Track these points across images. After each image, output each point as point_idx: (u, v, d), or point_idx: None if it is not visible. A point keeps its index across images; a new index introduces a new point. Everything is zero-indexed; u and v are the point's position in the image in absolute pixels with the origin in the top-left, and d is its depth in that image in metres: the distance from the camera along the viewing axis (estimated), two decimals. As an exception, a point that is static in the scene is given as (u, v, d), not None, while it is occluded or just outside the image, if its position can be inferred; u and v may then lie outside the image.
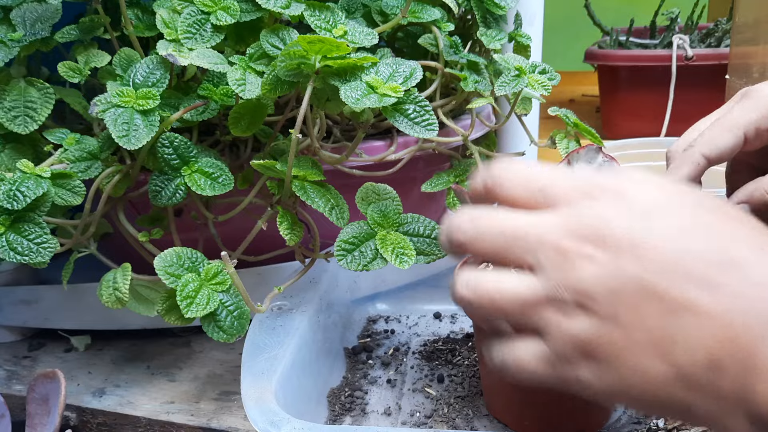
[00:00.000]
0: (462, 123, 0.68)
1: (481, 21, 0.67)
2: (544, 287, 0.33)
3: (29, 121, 0.54)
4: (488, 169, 0.37)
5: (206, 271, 0.51)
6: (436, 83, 0.62)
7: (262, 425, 0.43)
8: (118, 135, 0.49)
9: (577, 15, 1.28)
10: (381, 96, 0.48)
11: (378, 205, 0.54)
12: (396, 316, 0.73)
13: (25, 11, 0.58)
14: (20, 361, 0.68)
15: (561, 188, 0.34)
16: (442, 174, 0.62)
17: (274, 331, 0.54)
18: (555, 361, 0.33)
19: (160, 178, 0.53)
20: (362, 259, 0.52)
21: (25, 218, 0.49)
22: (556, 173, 0.35)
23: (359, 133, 0.54)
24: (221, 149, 0.60)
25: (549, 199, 0.34)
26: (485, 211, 0.35)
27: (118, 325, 0.69)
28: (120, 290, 0.53)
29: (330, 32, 0.52)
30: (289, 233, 0.52)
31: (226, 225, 0.57)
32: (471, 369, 0.61)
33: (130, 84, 0.52)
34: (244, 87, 0.51)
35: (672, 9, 1.17)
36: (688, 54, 1.09)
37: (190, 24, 0.53)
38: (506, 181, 0.36)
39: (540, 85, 0.57)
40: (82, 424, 0.60)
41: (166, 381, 0.64)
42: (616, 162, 0.51)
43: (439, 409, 0.56)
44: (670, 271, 0.31)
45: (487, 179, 0.36)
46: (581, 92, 1.51)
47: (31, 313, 0.69)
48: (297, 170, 0.51)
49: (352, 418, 0.56)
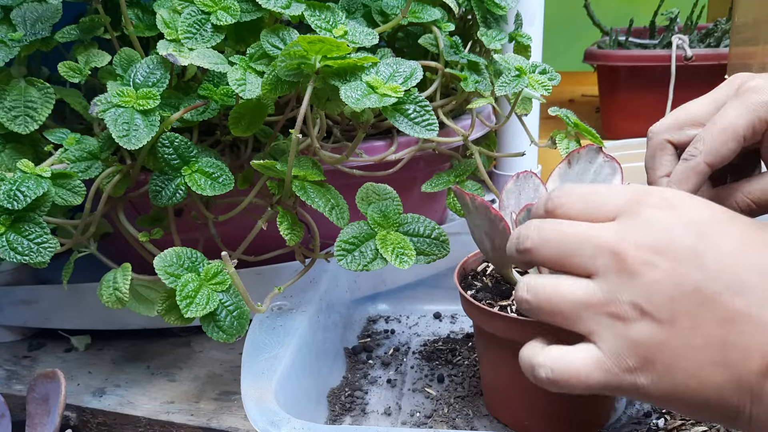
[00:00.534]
0: (462, 123, 0.68)
1: (481, 21, 0.67)
2: (602, 291, 0.34)
3: (29, 121, 0.54)
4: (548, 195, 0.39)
5: (206, 271, 0.51)
6: (437, 83, 0.62)
7: (262, 425, 0.43)
8: (118, 135, 0.49)
9: (577, 15, 1.29)
10: (381, 96, 0.48)
11: (378, 205, 0.54)
12: (396, 316, 0.73)
13: (25, 11, 0.58)
14: (20, 360, 0.68)
15: (619, 199, 0.36)
16: (442, 174, 0.63)
17: (274, 331, 0.54)
18: (611, 366, 0.34)
19: (160, 178, 0.53)
20: (362, 259, 0.52)
21: (26, 218, 0.49)
22: (614, 189, 0.37)
23: (359, 133, 0.54)
24: (221, 149, 0.60)
25: (608, 212, 0.36)
26: (550, 220, 0.37)
27: (118, 325, 0.69)
28: (120, 290, 0.53)
29: (330, 32, 0.52)
30: (289, 233, 0.52)
31: (226, 225, 0.57)
32: (471, 369, 0.61)
33: (130, 84, 0.52)
34: (245, 87, 0.51)
35: (671, 9, 1.17)
36: (688, 54, 1.09)
37: (190, 24, 0.53)
38: (565, 201, 0.37)
39: (540, 85, 0.57)
40: (82, 423, 0.60)
41: (166, 381, 0.64)
42: (616, 162, 0.51)
43: (439, 409, 0.56)
44: (729, 281, 0.32)
45: (548, 203, 0.38)
46: (581, 92, 1.51)
47: (31, 312, 0.69)
48: (297, 170, 0.51)
49: (352, 418, 0.56)
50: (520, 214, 0.47)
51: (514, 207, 0.51)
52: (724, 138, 0.45)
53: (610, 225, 0.35)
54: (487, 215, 0.47)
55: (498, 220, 0.46)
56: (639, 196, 0.35)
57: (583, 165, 0.52)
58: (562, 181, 0.52)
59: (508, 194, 0.51)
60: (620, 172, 0.51)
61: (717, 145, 0.45)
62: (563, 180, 0.52)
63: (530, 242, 0.38)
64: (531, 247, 0.38)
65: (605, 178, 0.51)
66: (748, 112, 0.44)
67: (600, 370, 0.34)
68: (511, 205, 0.51)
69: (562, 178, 0.52)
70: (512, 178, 0.51)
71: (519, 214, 0.47)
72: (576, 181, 0.52)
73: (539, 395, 0.51)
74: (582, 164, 0.52)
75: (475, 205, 0.47)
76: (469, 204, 0.48)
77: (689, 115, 0.48)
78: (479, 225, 0.49)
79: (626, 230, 0.34)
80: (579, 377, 0.35)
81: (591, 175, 0.52)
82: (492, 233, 0.48)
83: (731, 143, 0.45)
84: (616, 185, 0.38)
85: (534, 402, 0.52)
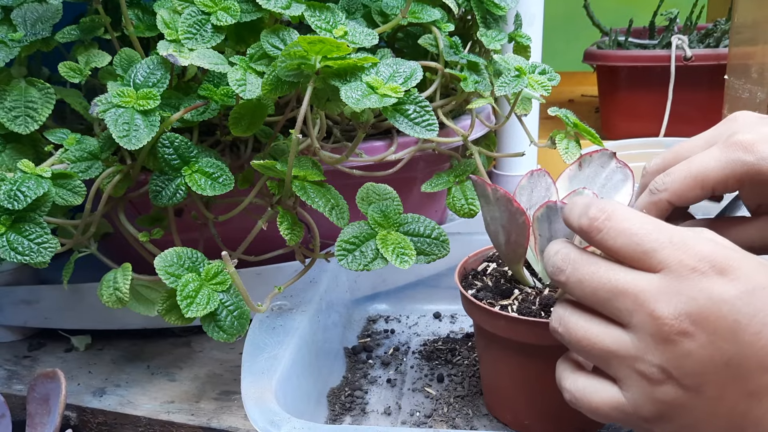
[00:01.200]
0: (462, 123, 0.68)
1: (481, 21, 0.67)
2: (634, 347, 0.34)
3: (30, 121, 0.54)
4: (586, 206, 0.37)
5: (206, 271, 0.51)
6: (436, 83, 0.62)
7: (262, 425, 0.43)
8: (118, 135, 0.49)
9: (576, 15, 1.29)
10: (381, 96, 0.48)
11: (378, 205, 0.55)
12: (396, 316, 0.73)
13: (25, 11, 0.58)
14: (20, 360, 0.68)
15: (668, 255, 0.34)
16: (442, 174, 0.63)
17: (274, 330, 0.54)
18: (631, 413, 0.35)
19: (160, 178, 0.53)
20: (363, 259, 0.52)
21: (26, 218, 0.49)
22: (663, 235, 0.35)
23: (359, 134, 0.54)
24: (222, 149, 0.60)
25: (654, 264, 0.34)
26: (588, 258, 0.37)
27: (119, 325, 0.69)
28: (120, 290, 0.53)
29: (330, 33, 0.52)
30: (289, 233, 0.52)
31: (226, 225, 0.57)
32: (471, 369, 0.61)
33: (130, 84, 0.52)
34: (245, 87, 0.51)
35: (671, 9, 1.18)
36: (687, 54, 1.09)
37: (190, 24, 0.54)
38: (607, 226, 0.36)
39: (540, 85, 0.58)
40: (83, 423, 0.60)
41: (166, 381, 0.64)
42: (629, 169, 0.51)
43: (439, 409, 0.56)
44: (762, 359, 0.32)
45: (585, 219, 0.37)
46: (580, 92, 1.51)
47: (31, 312, 0.69)
48: (297, 170, 0.51)
49: (352, 417, 0.56)
50: (539, 211, 0.47)
51: (525, 204, 0.51)
52: (693, 185, 0.43)
53: (653, 280, 0.34)
54: (508, 208, 0.46)
55: (519, 214, 0.46)
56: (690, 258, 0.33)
57: (594, 169, 0.52)
58: (571, 184, 0.52)
59: (521, 191, 0.51)
60: (632, 180, 0.50)
61: (684, 189, 0.44)
62: (572, 183, 0.52)
63: (564, 277, 0.38)
64: (565, 281, 0.38)
65: (616, 185, 0.51)
66: (725, 168, 0.42)
67: (619, 412, 0.35)
68: (523, 201, 0.51)
69: (571, 180, 0.52)
70: (525, 176, 0.51)
71: (538, 210, 0.47)
72: (586, 185, 0.51)
73: (539, 395, 0.51)
74: (593, 168, 0.52)
75: (497, 197, 0.47)
76: (490, 195, 0.48)
77: (680, 158, 0.46)
78: (497, 217, 0.48)
79: (669, 293, 0.33)
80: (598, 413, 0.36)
81: (602, 179, 0.51)
82: (510, 226, 0.47)
83: (698, 191, 0.43)
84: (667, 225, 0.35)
85: (534, 402, 0.52)
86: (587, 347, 0.36)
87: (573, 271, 0.37)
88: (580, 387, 0.37)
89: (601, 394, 0.36)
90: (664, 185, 0.44)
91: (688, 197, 0.44)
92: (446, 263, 0.57)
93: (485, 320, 0.51)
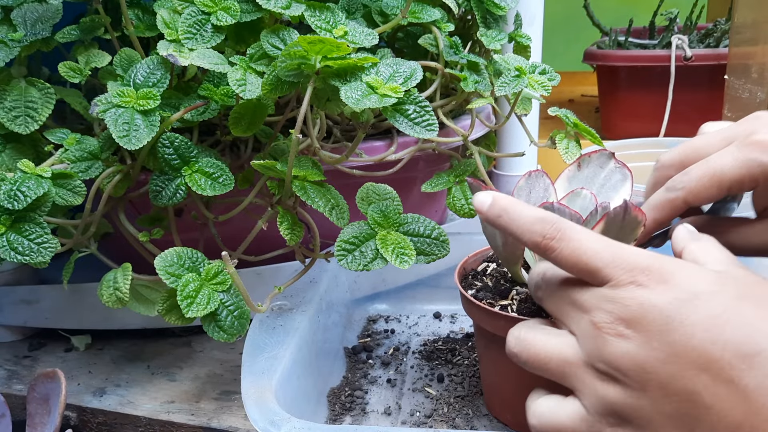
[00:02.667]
0: (462, 123, 0.68)
1: (481, 21, 0.67)
2: (585, 352, 0.37)
3: (30, 121, 0.54)
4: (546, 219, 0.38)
5: (207, 271, 0.51)
6: (436, 83, 0.62)
7: (262, 425, 0.43)
8: (118, 135, 0.49)
9: (576, 15, 1.29)
10: (381, 96, 0.48)
11: (378, 205, 0.55)
12: (396, 316, 0.73)
13: (25, 11, 0.58)
14: (21, 360, 0.68)
15: (611, 272, 0.36)
16: (442, 174, 0.63)
17: (274, 330, 0.54)
18: (594, 422, 0.37)
19: (160, 178, 0.53)
20: (362, 259, 0.52)
21: (26, 218, 0.49)
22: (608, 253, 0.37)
23: (359, 134, 0.54)
24: (222, 149, 0.60)
25: (601, 279, 0.37)
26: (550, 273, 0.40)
27: (119, 325, 0.69)
28: (120, 290, 0.53)
29: (330, 33, 0.52)
30: (289, 233, 0.52)
31: (227, 225, 0.57)
32: (471, 369, 0.61)
33: (130, 84, 0.52)
34: (245, 87, 0.51)
35: (671, 9, 1.18)
36: (687, 54, 1.09)
37: (190, 24, 0.54)
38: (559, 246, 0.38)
39: (540, 85, 0.58)
40: (83, 423, 0.60)
41: (166, 381, 0.64)
42: (627, 169, 0.51)
43: (439, 409, 0.56)
44: (695, 359, 0.34)
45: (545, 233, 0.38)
46: (580, 92, 1.51)
47: (31, 312, 0.69)
48: (297, 170, 0.51)
49: (352, 417, 0.56)
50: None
51: None
52: (710, 184, 0.44)
53: (597, 292, 0.37)
54: None
55: None
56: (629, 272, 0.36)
57: (593, 169, 0.52)
58: (570, 185, 0.52)
59: (519, 192, 0.51)
60: (630, 180, 0.50)
61: (700, 189, 0.44)
62: (571, 183, 0.52)
63: (540, 293, 0.41)
64: (541, 297, 0.41)
65: (615, 185, 0.51)
66: (742, 168, 0.42)
67: (584, 423, 0.37)
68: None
69: (570, 181, 0.52)
70: (524, 177, 0.51)
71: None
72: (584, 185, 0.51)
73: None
74: (592, 168, 0.52)
75: None
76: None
77: (696, 152, 0.46)
78: None
79: (607, 302, 0.36)
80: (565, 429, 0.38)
81: (600, 180, 0.51)
82: None
83: (714, 190, 0.44)
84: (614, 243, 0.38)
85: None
86: (545, 360, 0.38)
87: (543, 283, 0.41)
88: (545, 409, 0.39)
89: (565, 409, 0.38)
90: (681, 183, 0.45)
91: (705, 197, 0.45)
92: (446, 263, 0.57)
93: (485, 320, 0.51)
